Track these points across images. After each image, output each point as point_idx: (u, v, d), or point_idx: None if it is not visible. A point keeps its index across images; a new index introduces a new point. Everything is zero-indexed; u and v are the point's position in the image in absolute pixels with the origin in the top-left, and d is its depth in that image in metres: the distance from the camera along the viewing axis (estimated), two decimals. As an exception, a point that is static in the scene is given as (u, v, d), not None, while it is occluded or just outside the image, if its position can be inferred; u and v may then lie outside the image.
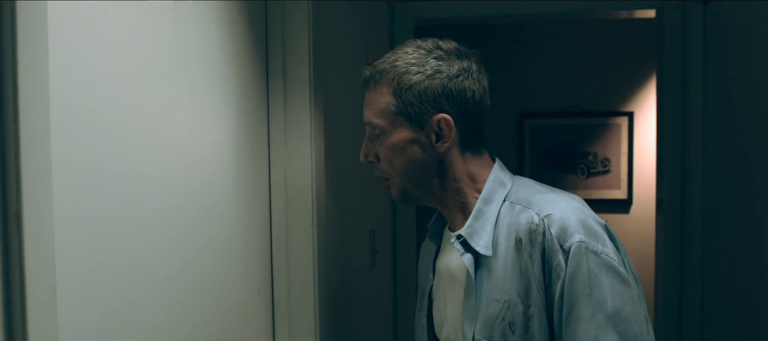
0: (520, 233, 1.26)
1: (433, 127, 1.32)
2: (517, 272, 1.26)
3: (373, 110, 1.36)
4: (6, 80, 0.83)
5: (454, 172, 1.36)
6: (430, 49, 1.34)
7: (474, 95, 1.33)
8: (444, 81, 1.31)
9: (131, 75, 1.21)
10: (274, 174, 1.83)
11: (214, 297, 1.53)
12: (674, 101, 2.74)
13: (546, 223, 1.24)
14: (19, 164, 0.84)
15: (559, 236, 1.23)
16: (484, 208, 1.33)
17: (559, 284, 1.22)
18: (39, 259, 0.87)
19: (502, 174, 1.37)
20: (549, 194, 1.31)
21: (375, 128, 1.36)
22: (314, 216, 1.83)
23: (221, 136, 1.56)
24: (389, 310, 2.91)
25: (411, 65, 1.32)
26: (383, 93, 1.34)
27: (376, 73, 1.36)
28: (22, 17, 0.84)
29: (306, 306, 1.84)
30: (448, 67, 1.32)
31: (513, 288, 1.26)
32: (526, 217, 1.27)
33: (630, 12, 3.04)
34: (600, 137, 4.32)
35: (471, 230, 1.31)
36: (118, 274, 1.17)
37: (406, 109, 1.31)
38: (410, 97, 1.31)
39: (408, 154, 1.34)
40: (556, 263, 1.22)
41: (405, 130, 1.33)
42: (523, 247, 1.26)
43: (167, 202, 1.33)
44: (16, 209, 0.84)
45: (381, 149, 1.37)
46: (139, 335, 1.23)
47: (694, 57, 2.65)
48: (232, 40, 1.62)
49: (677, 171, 2.74)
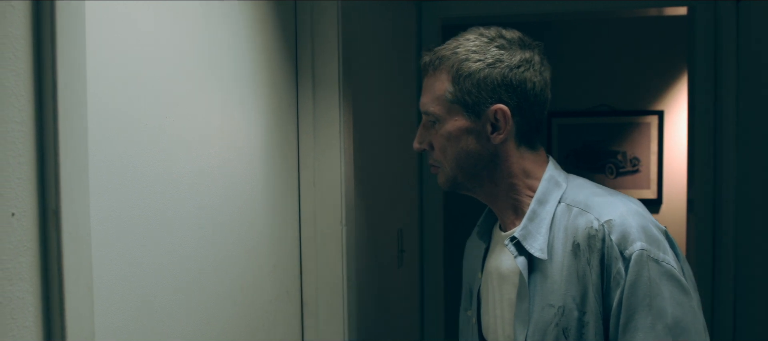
0: (579, 237, 1.22)
1: (490, 117, 1.28)
2: (573, 277, 1.22)
3: (430, 97, 1.32)
4: (46, 82, 0.85)
5: (508, 166, 1.31)
6: (493, 37, 1.30)
7: (534, 87, 1.29)
8: (504, 71, 1.27)
9: (164, 76, 1.23)
10: (303, 174, 1.84)
11: (244, 296, 1.54)
12: (706, 99, 2.70)
13: (606, 229, 1.20)
14: (57, 163, 0.85)
15: (619, 242, 1.19)
16: (538, 209, 1.28)
17: (618, 292, 1.18)
18: (76, 257, 0.89)
19: (557, 173, 1.33)
20: (608, 197, 1.26)
21: (430, 115, 1.32)
22: (343, 215, 1.84)
23: (251, 136, 1.58)
24: (416, 309, 2.91)
25: (471, 53, 1.28)
26: (441, 80, 1.30)
27: (436, 59, 1.32)
28: (61, 20, 0.86)
29: (335, 304, 1.85)
30: (509, 56, 1.28)
31: (568, 294, 1.22)
32: (584, 221, 1.23)
33: (660, 9, 3.01)
34: (629, 136, 4.28)
35: (526, 232, 1.27)
36: (150, 272, 1.19)
37: (464, 97, 1.28)
38: (468, 85, 1.27)
39: (461, 143, 1.30)
40: (615, 270, 1.19)
41: (461, 118, 1.29)
42: (581, 252, 1.22)
43: (198, 202, 1.35)
44: (54, 208, 0.85)
45: (435, 137, 1.33)
46: (170, 333, 1.25)
47: (726, 55, 2.61)
48: (262, 41, 1.63)
49: (709, 171, 2.70)
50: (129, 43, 1.12)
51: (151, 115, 1.18)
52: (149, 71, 1.18)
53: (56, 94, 0.85)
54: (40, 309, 0.86)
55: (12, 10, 0.81)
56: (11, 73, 0.81)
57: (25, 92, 0.83)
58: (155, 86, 1.20)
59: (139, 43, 1.14)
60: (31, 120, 0.84)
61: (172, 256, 1.25)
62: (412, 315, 2.85)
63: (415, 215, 2.88)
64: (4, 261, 0.80)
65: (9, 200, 0.81)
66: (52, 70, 0.84)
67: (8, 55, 0.80)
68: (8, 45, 0.80)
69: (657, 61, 4.24)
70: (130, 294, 1.12)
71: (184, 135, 1.29)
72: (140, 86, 1.15)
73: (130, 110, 1.12)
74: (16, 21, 0.82)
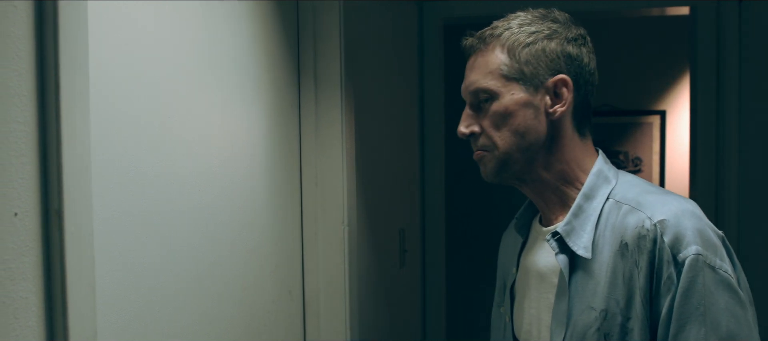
0: (627, 237, 1.14)
1: (550, 89, 1.21)
2: (619, 279, 1.14)
3: (481, 72, 1.24)
4: (48, 82, 0.85)
5: (563, 147, 1.24)
6: (545, 13, 1.25)
7: (589, 65, 1.24)
8: (562, 42, 1.22)
9: (165, 76, 1.23)
10: (305, 173, 1.84)
11: (246, 296, 1.54)
12: (708, 100, 2.69)
13: (659, 229, 1.11)
14: (60, 163, 0.85)
15: (672, 245, 1.10)
16: (584, 204, 1.21)
17: (668, 299, 1.10)
18: (79, 256, 0.89)
19: (606, 168, 1.25)
20: (661, 196, 1.17)
21: (484, 91, 1.23)
22: (345, 215, 1.84)
23: (253, 136, 1.58)
24: (418, 309, 2.91)
25: (526, 25, 1.23)
26: (494, 54, 1.23)
27: (485, 36, 1.25)
28: (63, 20, 0.86)
29: (337, 304, 1.85)
30: (565, 29, 1.23)
31: (612, 297, 1.14)
32: (635, 220, 1.14)
33: (662, 9, 3.00)
34: (631, 136, 4.28)
35: (569, 228, 1.20)
36: (152, 272, 1.19)
37: (521, 68, 1.21)
38: (526, 55, 1.21)
39: (519, 118, 1.21)
40: (666, 275, 1.10)
41: (518, 91, 1.21)
42: (628, 253, 1.13)
43: (200, 201, 1.35)
44: (57, 208, 0.86)
45: (486, 117, 1.24)
46: (172, 332, 1.25)
47: (729, 55, 2.61)
48: (264, 41, 1.63)
49: (711, 172, 2.70)
50: (131, 43, 1.12)
51: (153, 115, 1.19)
52: (151, 71, 1.18)
53: (59, 94, 0.85)
54: (43, 309, 0.86)
55: (14, 10, 0.81)
56: (14, 73, 0.81)
57: (27, 92, 0.83)
58: (157, 85, 1.20)
59: (140, 43, 1.14)
60: (33, 120, 0.84)
61: (173, 256, 1.25)
62: (414, 315, 2.85)
63: (417, 215, 2.88)
64: (7, 260, 0.80)
65: (12, 200, 0.81)
66: (54, 70, 0.85)
67: (11, 55, 0.80)
68: (11, 45, 0.81)
69: (659, 61, 4.24)
70: (132, 293, 1.13)
71: (186, 135, 1.29)
72: (142, 86, 1.15)
73: (132, 109, 1.12)
74: (19, 21, 0.82)
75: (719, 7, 2.65)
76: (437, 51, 2.90)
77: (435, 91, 2.90)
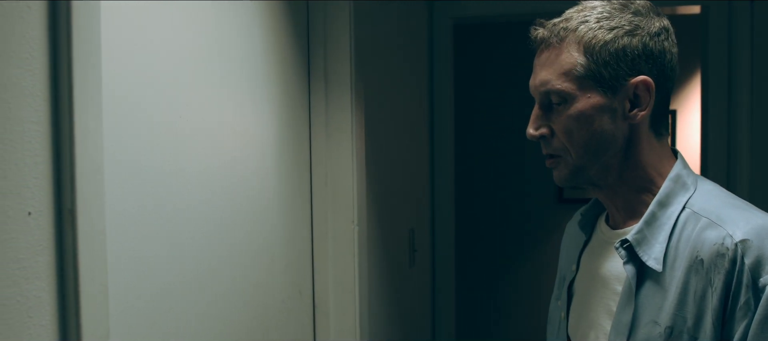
0: (703, 253, 1.05)
1: (629, 92, 1.11)
2: (689, 297, 1.05)
3: (554, 72, 1.13)
4: (61, 82, 0.85)
5: (640, 152, 1.14)
6: (625, 3, 1.14)
7: (672, 60, 1.13)
8: (645, 38, 1.10)
9: (177, 76, 1.23)
10: (315, 173, 1.85)
11: (256, 295, 1.55)
12: (719, 99, 2.68)
13: (740, 249, 1.01)
14: (73, 162, 0.86)
15: (753, 269, 1.01)
16: (659, 212, 1.12)
17: (743, 325, 1.01)
18: (92, 255, 0.89)
19: (685, 173, 1.15)
20: (746, 212, 1.08)
21: (557, 93, 1.13)
22: (355, 215, 1.84)
23: (264, 135, 1.58)
24: (428, 309, 2.91)
25: (604, 19, 1.11)
26: (569, 52, 1.12)
27: (559, 30, 1.14)
28: (76, 20, 0.86)
29: (347, 304, 1.85)
30: (647, 23, 1.12)
31: (680, 315, 1.06)
32: (714, 235, 1.04)
33: (673, 8, 2.99)
34: (641, 136, 4.26)
35: (641, 237, 1.11)
36: (163, 270, 1.19)
37: (599, 70, 1.10)
38: (605, 55, 1.10)
39: (595, 124, 1.12)
40: (743, 300, 1.01)
41: (595, 95, 1.11)
42: (703, 270, 1.04)
43: (211, 201, 1.35)
44: (70, 207, 0.86)
45: (559, 120, 1.14)
46: (183, 331, 1.25)
47: (740, 55, 2.59)
48: (275, 41, 1.63)
49: (722, 171, 2.69)
50: (143, 44, 1.12)
51: (165, 114, 1.19)
52: (163, 71, 1.18)
53: (72, 93, 0.85)
54: (56, 307, 0.86)
55: (28, 11, 0.82)
56: (27, 73, 0.82)
57: (40, 92, 0.83)
58: (169, 85, 1.20)
59: (152, 44, 1.15)
60: (46, 120, 0.84)
61: (185, 254, 1.26)
62: (424, 314, 2.85)
63: (427, 215, 2.88)
64: (21, 259, 0.81)
65: (26, 200, 0.81)
66: (67, 70, 0.85)
67: (24, 55, 0.81)
68: (24, 45, 0.81)
69: (670, 61, 4.21)
70: (143, 291, 1.13)
71: (197, 134, 1.30)
72: (154, 86, 1.16)
73: (144, 109, 1.13)
74: (33, 21, 0.82)
75: (731, 7, 2.63)
76: (447, 51, 2.89)
77: (445, 91, 2.90)
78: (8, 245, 0.79)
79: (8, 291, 0.79)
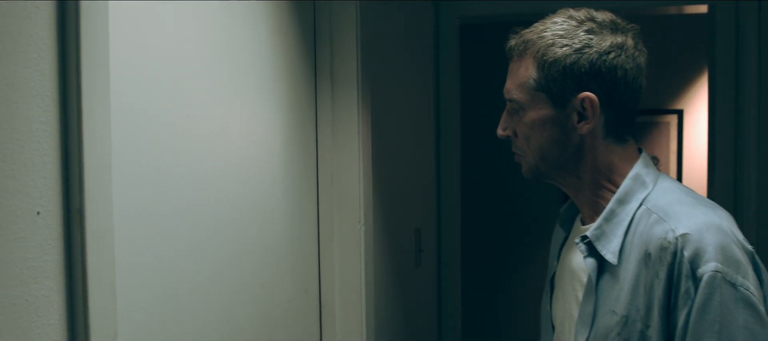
0: (651, 247, 1.13)
1: (576, 106, 1.20)
2: (640, 288, 1.14)
3: (514, 83, 1.25)
4: (70, 82, 0.86)
5: (593, 160, 1.24)
6: (582, 20, 1.21)
7: (626, 75, 1.20)
8: (593, 57, 1.18)
9: (184, 76, 1.24)
10: (321, 172, 1.85)
11: (262, 294, 1.55)
12: (727, 99, 2.67)
13: (680, 243, 1.09)
14: (81, 162, 0.86)
15: (692, 260, 1.08)
16: (617, 209, 1.20)
17: (684, 313, 1.09)
18: (100, 255, 0.90)
19: (644, 172, 1.23)
20: (692, 208, 1.15)
21: (514, 102, 1.24)
22: (361, 214, 1.84)
23: (270, 135, 1.58)
24: (434, 309, 2.91)
25: (558, 37, 1.20)
26: (526, 65, 1.22)
27: (521, 43, 1.24)
28: (85, 20, 0.86)
29: (353, 304, 1.85)
30: (599, 41, 1.19)
31: (633, 304, 1.14)
32: (660, 230, 1.13)
33: (680, 7, 2.98)
34: (648, 136, 4.25)
35: (599, 232, 1.20)
36: (171, 269, 1.19)
37: (548, 85, 1.20)
38: (554, 72, 1.19)
39: (545, 133, 1.23)
40: (684, 289, 1.09)
41: (545, 107, 1.21)
42: (651, 263, 1.13)
43: (218, 200, 1.35)
44: (78, 207, 0.86)
45: (519, 125, 1.26)
46: (190, 330, 1.26)
47: (747, 54, 2.58)
48: (281, 41, 1.63)
49: (729, 171, 2.68)
50: (150, 44, 1.13)
51: (172, 114, 1.19)
52: (170, 71, 1.19)
53: (80, 94, 0.86)
54: (65, 307, 0.87)
55: (37, 11, 0.82)
56: (36, 73, 0.82)
57: (49, 92, 0.84)
58: (176, 85, 1.20)
59: (160, 43, 1.15)
60: (55, 120, 0.85)
61: (192, 254, 1.26)
62: (430, 314, 2.85)
63: (433, 215, 2.87)
64: (30, 259, 0.81)
65: (34, 200, 0.82)
66: (76, 71, 0.85)
67: (33, 56, 0.81)
68: (33, 45, 0.81)
69: (677, 60, 4.20)
70: (151, 290, 1.13)
71: (204, 134, 1.30)
72: (161, 86, 1.16)
73: (151, 109, 1.13)
74: (41, 21, 0.83)
75: (738, 6, 2.62)
76: (453, 50, 2.89)
77: (451, 90, 2.90)
78: (17, 245, 0.79)
79: (17, 290, 0.80)
